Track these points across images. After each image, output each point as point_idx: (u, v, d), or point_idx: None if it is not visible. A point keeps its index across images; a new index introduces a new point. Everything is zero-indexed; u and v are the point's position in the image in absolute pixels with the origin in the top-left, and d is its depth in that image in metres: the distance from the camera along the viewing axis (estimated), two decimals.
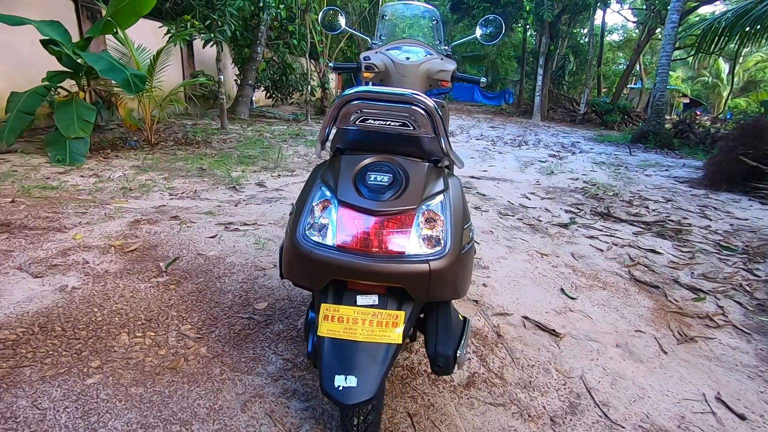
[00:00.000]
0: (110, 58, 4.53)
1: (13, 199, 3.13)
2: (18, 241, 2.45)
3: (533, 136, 10.71)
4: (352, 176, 0.99)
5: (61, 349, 1.60)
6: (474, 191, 4.58)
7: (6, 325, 1.69)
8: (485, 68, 25.27)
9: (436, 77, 1.98)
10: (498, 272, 2.61)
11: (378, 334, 0.98)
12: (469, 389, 1.58)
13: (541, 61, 15.69)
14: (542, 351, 1.86)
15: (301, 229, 1.00)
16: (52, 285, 2.03)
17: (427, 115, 0.92)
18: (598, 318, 2.17)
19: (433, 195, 1.00)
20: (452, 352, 1.12)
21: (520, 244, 3.11)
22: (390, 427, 1.37)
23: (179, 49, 8.34)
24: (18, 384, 1.40)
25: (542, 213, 3.94)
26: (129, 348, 1.64)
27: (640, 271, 2.78)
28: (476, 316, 2.09)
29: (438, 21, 2.10)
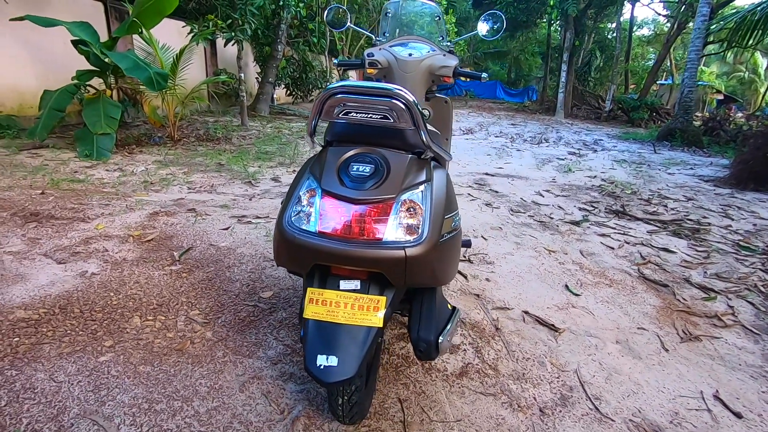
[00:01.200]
0: (135, 57, 4.72)
1: (43, 191, 3.32)
2: (45, 230, 2.61)
3: (554, 133, 10.53)
4: (336, 167, 1.04)
5: (78, 329, 1.71)
6: (487, 188, 4.57)
7: (30, 306, 1.83)
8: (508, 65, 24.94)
9: (438, 73, 2.01)
10: (503, 268, 2.62)
11: (359, 317, 1.03)
12: (462, 378, 1.62)
13: (565, 57, 15.38)
14: (539, 345, 1.87)
15: (288, 216, 1.05)
16: (73, 271, 2.16)
17: (407, 109, 0.96)
18: (601, 314, 2.16)
19: (415, 185, 1.04)
20: (434, 338, 1.16)
21: (529, 240, 3.10)
22: (380, 411, 1.42)
23: (203, 48, 8.58)
24: (38, 359, 1.52)
25: (555, 210, 3.91)
26: (140, 330, 1.75)
27: (650, 270, 2.74)
28: (476, 309, 2.12)
29: (440, 17, 2.13)
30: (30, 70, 5.59)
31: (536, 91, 23.03)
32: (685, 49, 23.62)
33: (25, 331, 1.66)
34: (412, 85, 2.07)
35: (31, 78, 5.59)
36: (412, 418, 1.40)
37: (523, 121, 13.42)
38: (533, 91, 23.73)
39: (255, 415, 1.36)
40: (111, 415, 1.31)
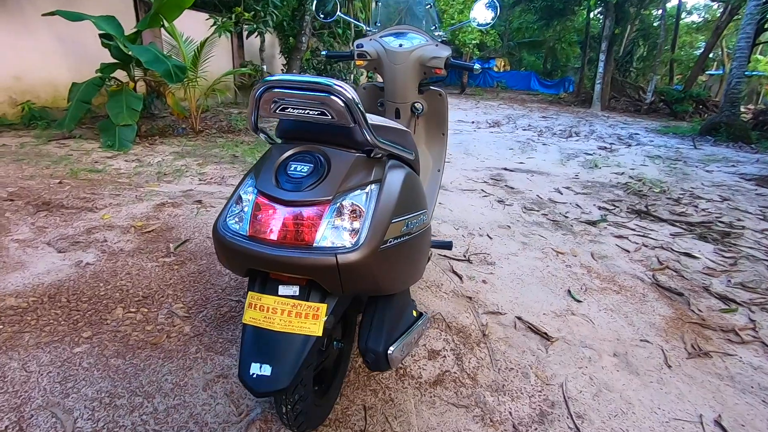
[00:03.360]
0: (156, 50, 4.82)
1: (61, 180, 3.45)
2: (54, 219, 2.71)
3: (587, 126, 10.06)
4: (275, 166, 0.98)
5: (62, 318, 1.75)
6: (503, 184, 4.41)
7: (21, 294, 1.88)
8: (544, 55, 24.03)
9: (429, 64, 1.91)
10: (503, 269, 2.50)
11: (296, 325, 0.98)
12: (435, 387, 1.54)
13: (604, 47, 14.64)
14: (526, 354, 1.76)
15: (223, 217, 1.01)
16: (70, 260, 2.22)
17: (344, 105, 0.89)
18: (601, 324, 2.02)
19: (358, 186, 0.97)
20: (383, 348, 1.09)
21: (537, 240, 2.95)
22: (341, 417, 1.37)
23: (230, 40, 8.69)
24: (15, 347, 1.56)
25: (571, 209, 3.71)
26: (120, 322, 1.77)
27: (666, 276, 2.54)
28: (465, 313, 2.02)
29: (432, 6, 2.01)
30: (62, 63, 5.83)
31: (573, 83, 22.11)
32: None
33: (10, 318, 1.71)
34: (403, 77, 1.98)
35: (64, 71, 5.83)
36: (373, 428, 1.34)
37: (556, 114, 12.90)
38: (570, 83, 22.79)
39: (212, 416, 1.34)
40: (71, 408, 1.32)
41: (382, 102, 2.14)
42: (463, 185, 4.26)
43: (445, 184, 4.25)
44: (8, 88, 5.41)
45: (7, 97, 5.41)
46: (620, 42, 17.51)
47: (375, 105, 2.18)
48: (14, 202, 2.91)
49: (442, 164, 2.25)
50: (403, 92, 2.02)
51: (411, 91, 2.03)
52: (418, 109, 2.08)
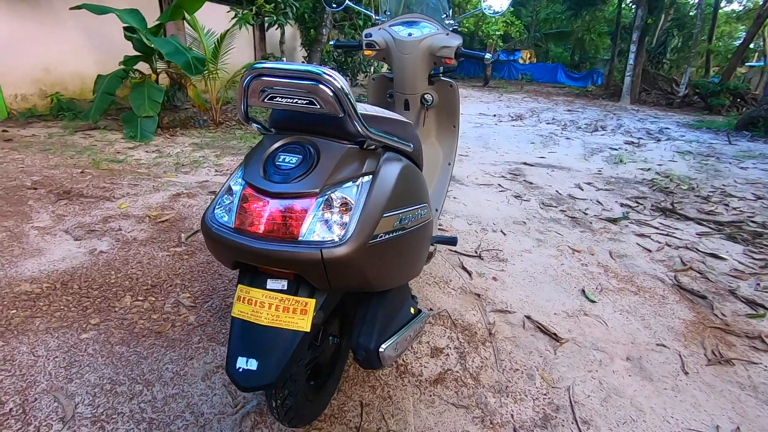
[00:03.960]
0: (176, 42, 4.89)
1: (83, 170, 3.55)
2: (73, 207, 2.78)
3: (614, 120, 9.71)
4: (264, 156, 0.96)
5: (72, 305, 1.79)
6: (521, 179, 4.29)
7: (36, 280, 1.94)
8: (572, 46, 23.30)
9: (438, 54, 1.85)
10: (516, 266, 2.43)
11: (284, 320, 0.95)
12: (436, 386, 1.50)
13: (635, 37, 14.07)
14: (533, 355, 1.70)
15: (212, 208, 0.99)
16: (85, 248, 2.28)
17: (333, 94, 0.85)
18: (615, 326, 1.93)
19: (348, 179, 0.94)
20: (374, 346, 1.06)
21: (553, 237, 2.86)
22: (337, 414, 1.35)
23: (252, 32, 8.76)
24: (26, 332, 1.60)
25: (592, 206, 3.58)
26: (128, 310, 1.80)
27: (689, 278, 2.42)
28: (473, 310, 1.97)
29: None
30: (89, 56, 5.99)
31: (601, 75, 21.39)
32: None
33: (24, 303, 1.76)
34: (412, 67, 1.93)
35: (91, 63, 5.99)
36: (368, 425, 1.32)
37: (582, 107, 12.51)
38: (598, 75, 22.06)
39: (209, 407, 1.34)
40: (74, 393, 1.35)
41: (391, 93, 2.10)
42: (479, 179, 4.17)
43: (461, 178, 4.17)
44: (38, 81, 5.60)
45: (38, 89, 5.60)
46: (653, 32, 16.80)
47: (384, 96, 2.14)
48: (37, 190, 3.01)
49: (452, 157, 2.20)
50: (412, 83, 1.97)
51: (420, 82, 1.98)
52: (428, 101, 2.02)
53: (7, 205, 2.74)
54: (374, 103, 2.19)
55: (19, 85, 5.41)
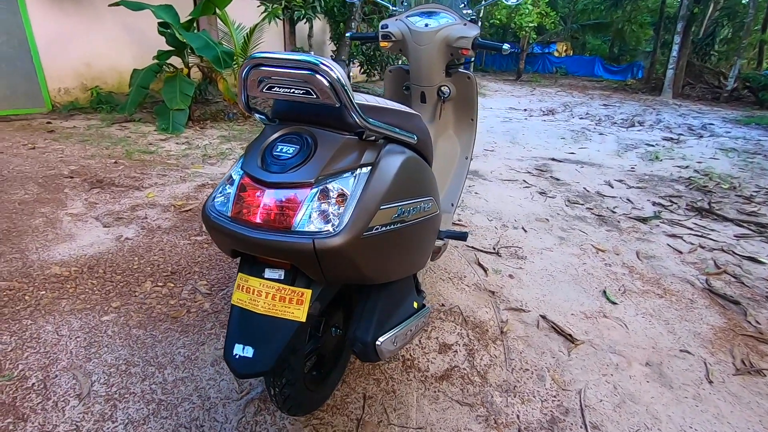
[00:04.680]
0: (207, 37, 5.01)
1: (116, 160, 3.71)
2: (104, 196, 2.91)
3: (653, 115, 9.27)
4: (263, 146, 0.97)
5: (96, 288, 1.88)
6: (548, 175, 4.17)
7: (66, 264, 2.04)
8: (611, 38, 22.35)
9: (455, 45, 1.81)
10: (534, 264, 2.36)
11: (280, 309, 0.96)
12: (441, 382, 1.48)
13: (680, 27, 13.32)
14: (545, 356, 1.65)
15: (213, 197, 1.01)
16: (113, 234, 2.38)
17: (329, 84, 0.84)
18: (636, 329, 1.85)
19: (345, 170, 0.93)
20: (371, 339, 1.05)
21: (577, 236, 2.77)
22: (340, 405, 1.36)
23: (282, 26, 8.87)
24: (52, 312, 1.69)
25: (621, 204, 3.44)
26: (147, 295, 1.86)
27: (722, 282, 2.28)
28: (486, 307, 1.93)
29: None
30: (127, 51, 6.23)
31: (642, 68, 20.43)
32: None
33: (52, 285, 1.86)
34: (428, 58, 1.89)
35: (128, 58, 6.22)
36: (369, 418, 1.32)
37: (619, 102, 12.00)
38: (639, 68, 21.09)
39: (216, 391, 1.37)
40: (91, 372, 1.41)
41: (408, 85, 2.07)
42: (504, 175, 4.08)
43: (485, 173, 4.10)
44: (80, 75, 5.87)
45: (79, 83, 5.88)
46: (700, 22, 15.86)
47: (401, 88, 2.12)
48: (73, 179, 3.17)
49: (470, 151, 2.15)
50: (428, 75, 1.94)
51: (437, 74, 1.94)
52: (444, 93, 1.98)
53: (46, 192, 2.90)
54: (390, 95, 2.17)
55: (62, 79, 5.70)
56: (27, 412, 1.24)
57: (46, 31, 5.38)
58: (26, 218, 2.48)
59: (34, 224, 2.41)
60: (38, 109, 5.45)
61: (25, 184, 2.99)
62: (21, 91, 5.31)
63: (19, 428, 1.19)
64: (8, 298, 1.75)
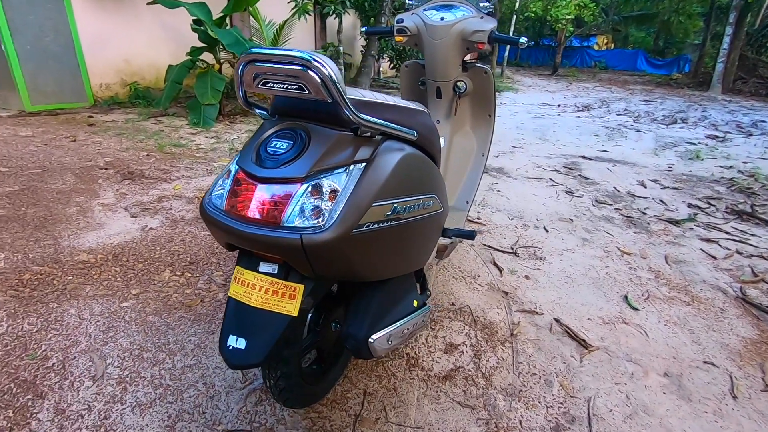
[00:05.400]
0: (237, 33, 5.12)
1: (149, 153, 3.86)
2: (134, 187, 3.04)
3: (698, 112, 8.76)
4: (259, 142, 0.97)
5: (119, 275, 1.96)
6: (576, 173, 4.02)
7: (93, 251, 2.15)
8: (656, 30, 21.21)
9: (471, 39, 1.77)
10: (553, 266, 2.29)
11: (273, 303, 0.97)
12: (444, 382, 1.47)
13: (732, 18, 12.50)
14: (556, 361, 1.60)
15: (211, 190, 1.03)
16: (139, 224, 2.48)
17: (320, 80, 0.84)
18: (657, 337, 1.76)
19: (339, 165, 0.92)
20: (363, 336, 1.04)
21: (602, 237, 2.66)
22: (340, 399, 1.37)
23: (312, 23, 8.95)
24: (77, 297, 1.78)
25: (653, 205, 3.27)
26: (165, 283, 1.94)
27: (759, 291, 2.14)
28: (497, 308, 1.89)
29: None
30: (164, 48, 6.46)
31: (689, 62, 19.33)
32: None
33: (79, 271, 1.96)
34: (443, 53, 1.86)
35: (165, 54, 6.45)
36: (368, 414, 1.32)
37: (661, 97, 11.42)
38: (686, 62, 19.96)
39: (220, 380, 1.41)
40: (107, 355, 1.48)
41: (423, 81, 2.04)
42: (529, 173, 3.97)
43: (510, 170, 4.00)
44: (120, 71, 6.15)
45: (119, 79, 6.15)
46: (756, 12, 14.80)
47: (416, 84, 2.09)
48: (107, 170, 3.32)
49: (487, 148, 2.10)
50: (443, 70, 1.90)
51: (453, 69, 1.90)
52: (460, 88, 1.94)
53: (82, 182, 3.05)
54: (406, 90, 2.15)
55: (104, 74, 5.98)
56: (45, 390, 1.32)
57: (89, 30, 5.66)
58: (62, 207, 2.62)
59: (68, 213, 2.55)
60: (81, 103, 5.75)
61: (64, 174, 3.16)
62: (66, 86, 5.61)
63: (37, 405, 1.27)
64: (38, 282, 1.86)
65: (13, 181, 2.94)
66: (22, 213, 2.49)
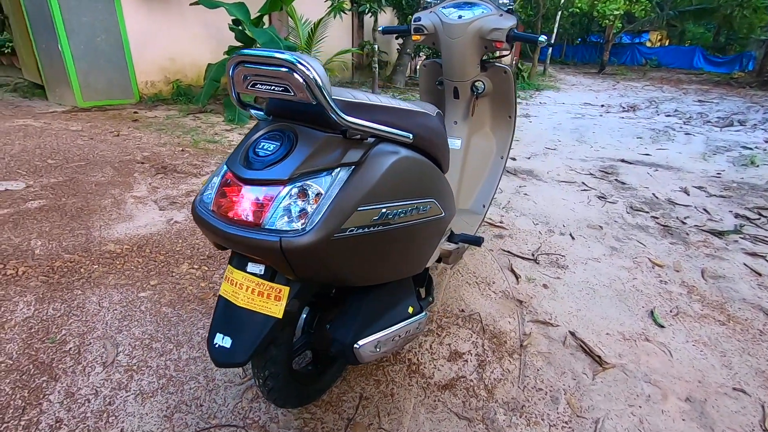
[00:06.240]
0: (273, 32, 5.24)
1: (183, 149, 4.02)
2: (166, 181, 3.17)
3: (759, 114, 8.10)
4: (249, 142, 0.97)
5: (140, 266, 2.05)
6: (613, 177, 3.82)
7: (120, 241, 2.26)
8: (716, 26, 19.80)
9: (489, 37, 1.71)
10: (575, 275, 2.18)
11: (258, 304, 0.97)
12: (443, 392, 1.43)
13: None
14: (566, 377, 1.52)
15: (203, 189, 1.04)
16: (165, 217, 2.59)
17: (304, 81, 0.82)
18: (683, 358, 1.64)
19: (325, 168, 0.91)
20: (349, 341, 1.03)
21: (633, 247, 2.51)
22: (334, 402, 1.36)
23: (351, 20, 9.01)
24: (99, 285, 1.88)
25: (695, 214, 3.05)
26: (182, 276, 2.00)
27: None
28: (510, 317, 1.82)
29: None
30: (205, 47, 6.70)
31: (754, 59, 17.91)
32: None
33: (105, 260, 2.07)
34: (460, 52, 1.81)
35: (207, 53, 6.69)
36: (361, 419, 1.31)
37: (719, 98, 10.65)
38: (750, 59, 18.51)
39: (221, 374, 1.44)
40: (119, 343, 1.55)
41: (441, 80, 1.99)
42: (561, 176, 3.81)
43: (540, 173, 3.85)
44: (165, 69, 6.44)
45: (163, 77, 6.45)
46: None
47: (434, 83, 2.04)
48: (144, 164, 3.49)
49: (507, 151, 2.03)
50: (461, 69, 1.85)
51: (470, 68, 1.85)
52: (478, 89, 1.88)
53: (119, 175, 3.22)
54: (424, 90, 2.11)
55: (149, 72, 6.29)
56: (59, 374, 1.40)
57: (137, 29, 5.96)
58: (98, 198, 2.78)
59: (103, 204, 2.70)
60: (128, 100, 6.07)
61: (104, 167, 3.35)
62: (115, 83, 5.95)
63: (50, 387, 1.34)
64: (67, 269, 1.97)
65: (58, 173, 3.15)
66: (62, 203, 2.66)
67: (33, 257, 2.04)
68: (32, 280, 1.87)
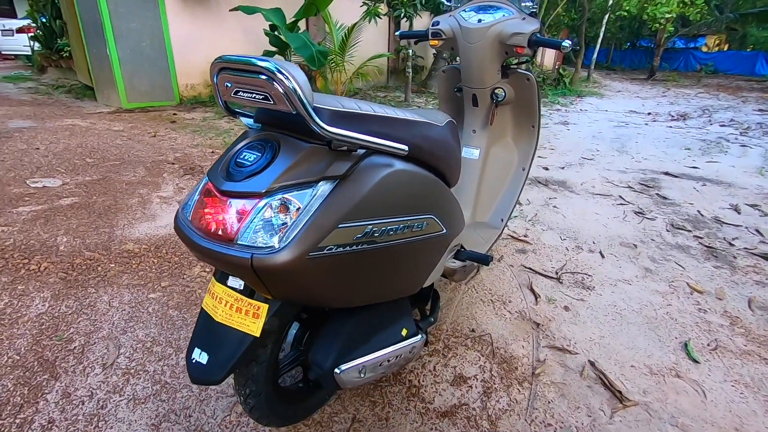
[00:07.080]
0: (306, 37, 5.29)
1: (214, 150, 4.11)
2: (192, 182, 3.24)
3: None
4: (232, 152, 0.94)
5: (154, 267, 2.08)
6: (653, 192, 3.56)
7: (138, 241, 2.31)
8: None
9: (509, 42, 1.61)
10: (602, 298, 2.02)
11: (236, 320, 0.93)
12: (443, 419, 1.34)
13: None
14: (580, 412, 1.39)
15: (187, 199, 1.01)
16: None
17: (283, 91, 0.77)
18: (718, 400, 1.46)
19: (306, 182, 0.85)
20: (329, 366, 0.96)
21: (670, 269, 2.30)
22: (326, 422, 1.30)
23: (387, 24, 9.01)
24: (113, 284, 1.92)
25: (745, 235, 2.78)
26: (193, 279, 2.01)
27: None
28: (524, 341, 1.70)
29: None
30: (244, 51, 6.88)
31: None
32: None
33: (122, 260, 2.11)
34: (479, 58, 1.72)
35: None
36: None
37: None
38: None
39: None
40: (122, 345, 1.56)
41: (460, 87, 1.90)
42: (596, 188, 3.59)
43: (573, 184, 3.65)
44: (204, 72, 6.66)
45: (203, 80, 6.67)
46: None
47: (452, 90, 1.96)
48: (174, 165, 3.59)
49: (529, 163, 1.91)
50: (479, 76, 1.75)
51: (490, 75, 1.75)
52: (498, 96, 1.78)
53: (150, 175, 3.32)
54: (443, 97, 2.02)
55: (190, 75, 6.53)
56: (60, 372, 1.42)
57: (179, 34, 6.20)
58: (127, 197, 2.87)
59: (130, 203, 2.78)
60: (169, 102, 6.32)
61: (137, 167, 3.47)
62: (158, 86, 6.21)
63: (50, 385, 1.36)
64: (86, 267, 2.03)
65: (93, 171, 3.29)
66: (92, 201, 2.76)
67: (57, 253, 2.12)
68: (52, 276, 1.94)
